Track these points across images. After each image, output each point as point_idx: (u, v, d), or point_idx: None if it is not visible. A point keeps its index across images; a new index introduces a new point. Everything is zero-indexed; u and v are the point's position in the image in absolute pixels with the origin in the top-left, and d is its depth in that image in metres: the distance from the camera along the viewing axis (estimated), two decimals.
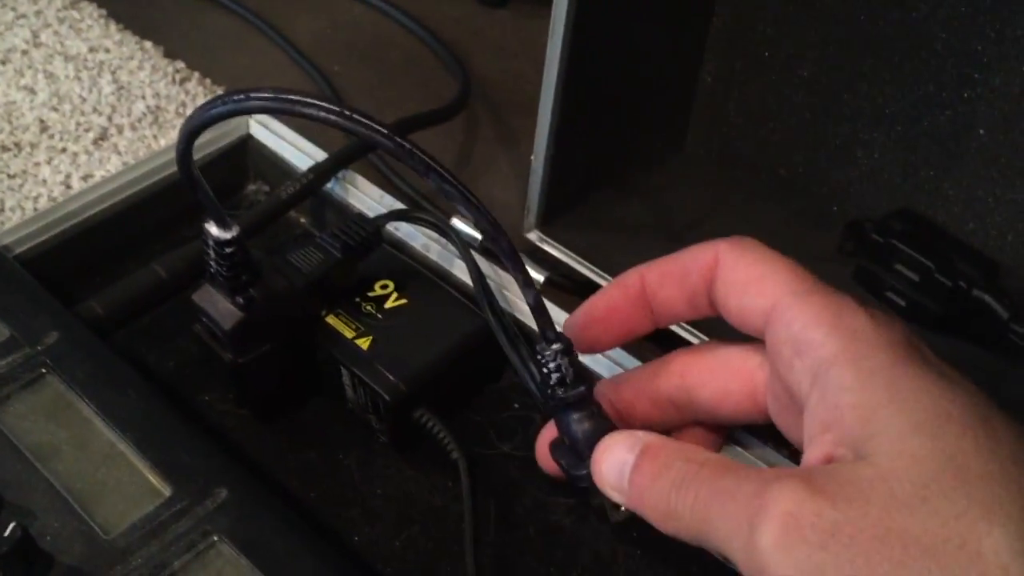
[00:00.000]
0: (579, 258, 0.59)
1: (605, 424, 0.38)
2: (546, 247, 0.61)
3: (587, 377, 0.39)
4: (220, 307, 0.45)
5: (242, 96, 0.36)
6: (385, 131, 0.33)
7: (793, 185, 0.64)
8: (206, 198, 0.41)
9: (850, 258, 0.59)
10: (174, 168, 0.57)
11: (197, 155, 0.59)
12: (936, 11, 0.53)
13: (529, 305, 0.37)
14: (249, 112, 0.44)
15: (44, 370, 0.42)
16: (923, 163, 0.57)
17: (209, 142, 0.60)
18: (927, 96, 0.55)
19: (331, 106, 0.34)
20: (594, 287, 0.58)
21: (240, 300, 0.44)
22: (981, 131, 0.54)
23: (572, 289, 0.61)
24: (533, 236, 0.61)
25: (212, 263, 0.44)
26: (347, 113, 0.33)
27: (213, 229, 0.42)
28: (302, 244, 0.50)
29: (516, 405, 0.52)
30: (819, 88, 0.60)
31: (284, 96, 0.35)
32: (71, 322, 0.44)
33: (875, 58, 0.57)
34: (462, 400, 0.52)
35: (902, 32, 0.55)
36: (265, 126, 0.61)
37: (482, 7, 0.90)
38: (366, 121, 0.33)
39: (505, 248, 0.36)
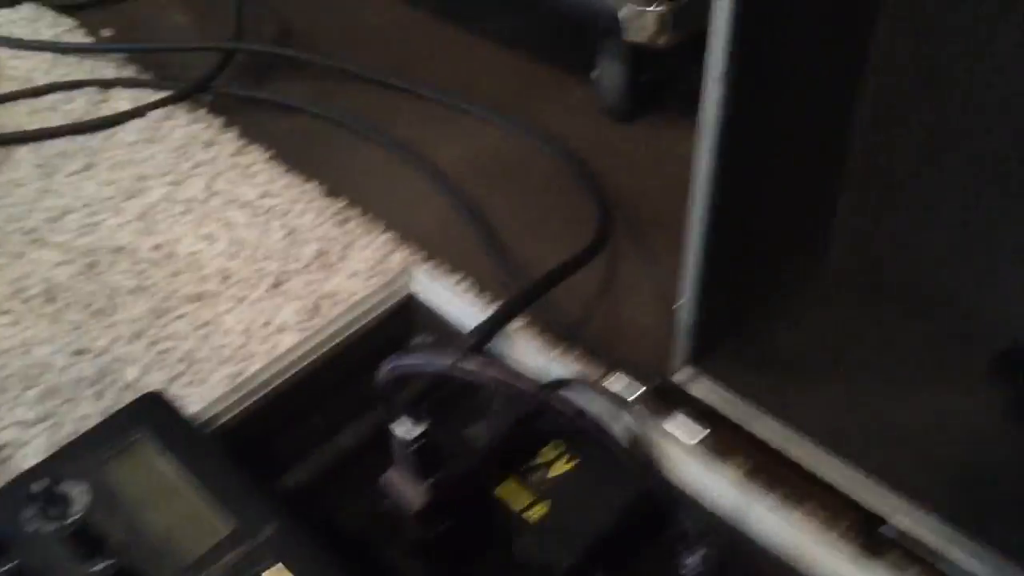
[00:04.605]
0: (732, 395, 0.62)
1: None
2: (697, 387, 0.64)
3: None
4: (407, 491, 0.49)
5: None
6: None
7: (939, 307, 0.65)
8: (406, 407, 0.46)
9: (1002, 386, 0.60)
10: (352, 329, 0.64)
11: (368, 314, 0.65)
12: None
13: None
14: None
15: (269, 561, 0.47)
16: None
17: (380, 302, 0.65)
18: None
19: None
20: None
21: (425, 485, 0.49)
22: None
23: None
24: (684, 375, 0.64)
25: (398, 452, 0.49)
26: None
27: (401, 429, 0.47)
28: (474, 415, 0.55)
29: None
30: (959, 222, 0.61)
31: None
32: (284, 511, 0.49)
33: (1014, 194, 0.58)
34: (630, 553, 0.55)
35: None
36: (427, 283, 0.66)
37: (613, 122, 0.93)
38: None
39: None
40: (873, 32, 0.60)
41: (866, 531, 0.56)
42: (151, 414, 0.54)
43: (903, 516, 0.55)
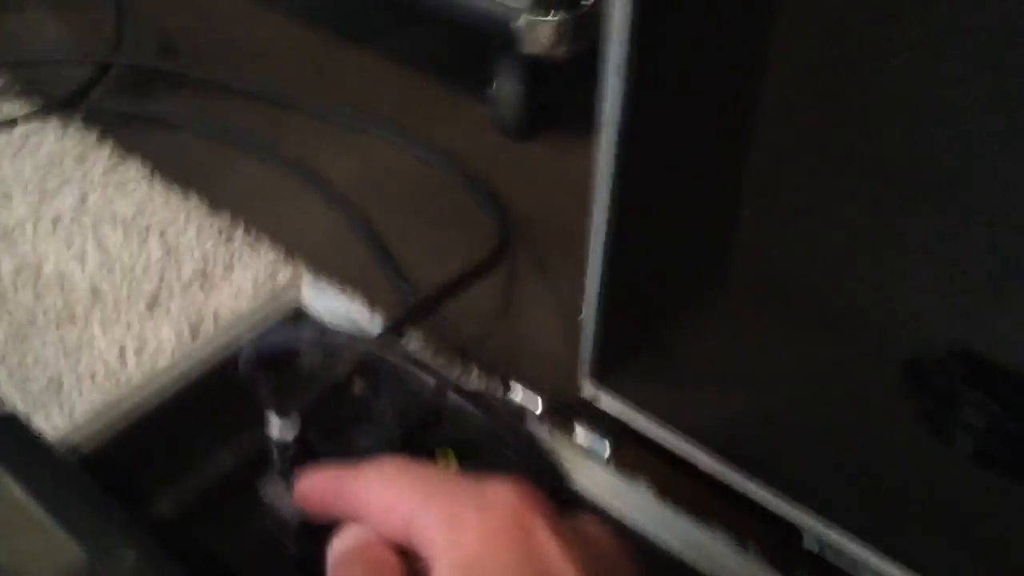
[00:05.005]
0: (638, 410, 0.59)
1: None
2: (602, 402, 0.61)
3: None
4: (286, 504, 0.45)
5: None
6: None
7: (844, 318, 0.64)
8: (271, 404, 0.42)
9: (913, 396, 0.59)
10: (235, 345, 0.59)
11: (253, 328, 0.61)
12: (969, 158, 0.54)
13: None
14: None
15: None
16: (974, 301, 0.57)
17: (266, 315, 0.61)
18: (968, 237, 0.56)
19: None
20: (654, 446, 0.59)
21: None
22: None
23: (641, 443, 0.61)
24: (588, 391, 0.62)
25: (276, 460, 0.44)
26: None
27: (275, 432, 0.43)
28: (362, 424, 0.51)
29: None
30: (859, 231, 0.61)
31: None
32: (145, 539, 0.44)
33: (912, 202, 0.57)
34: None
35: (940, 175, 0.56)
36: (317, 294, 0.62)
37: (512, 140, 0.91)
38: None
39: None
40: (771, 40, 0.60)
41: (775, 546, 0.54)
42: (5, 438, 0.48)
43: (812, 531, 0.53)
